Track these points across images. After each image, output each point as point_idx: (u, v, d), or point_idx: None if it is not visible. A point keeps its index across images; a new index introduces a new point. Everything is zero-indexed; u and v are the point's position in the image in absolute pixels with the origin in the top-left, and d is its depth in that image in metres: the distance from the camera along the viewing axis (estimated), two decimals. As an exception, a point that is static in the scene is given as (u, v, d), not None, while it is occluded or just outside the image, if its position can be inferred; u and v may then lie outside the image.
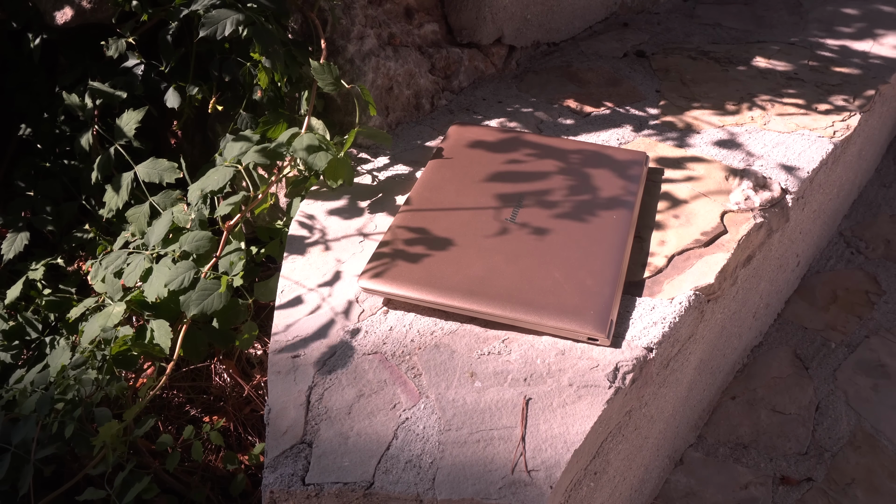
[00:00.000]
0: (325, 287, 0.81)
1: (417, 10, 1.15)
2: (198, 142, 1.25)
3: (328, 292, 0.80)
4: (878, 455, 0.98)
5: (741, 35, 1.36)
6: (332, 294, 0.80)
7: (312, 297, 0.80)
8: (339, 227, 0.89)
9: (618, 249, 0.80)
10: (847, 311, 1.19)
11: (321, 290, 0.81)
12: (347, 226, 0.90)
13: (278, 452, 0.65)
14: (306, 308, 0.79)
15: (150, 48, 1.15)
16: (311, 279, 0.82)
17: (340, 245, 0.87)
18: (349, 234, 0.88)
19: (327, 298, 0.79)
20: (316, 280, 0.82)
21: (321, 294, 0.80)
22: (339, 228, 0.89)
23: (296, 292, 0.81)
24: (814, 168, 0.99)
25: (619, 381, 0.69)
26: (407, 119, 1.11)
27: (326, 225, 0.90)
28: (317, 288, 0.81)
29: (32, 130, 1.25)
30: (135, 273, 0.92)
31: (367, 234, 0.88)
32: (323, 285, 0.81)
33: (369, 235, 0.88)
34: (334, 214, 0.91)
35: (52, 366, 0.90)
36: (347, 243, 0.87)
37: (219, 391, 1.06)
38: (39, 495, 0.80)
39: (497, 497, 0.61)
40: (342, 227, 0.89)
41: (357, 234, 0.88)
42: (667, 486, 0.96)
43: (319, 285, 0.81)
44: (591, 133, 1.06)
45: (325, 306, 0.78)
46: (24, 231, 1.15)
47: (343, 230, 0.89)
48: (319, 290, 0.81)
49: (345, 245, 0.87)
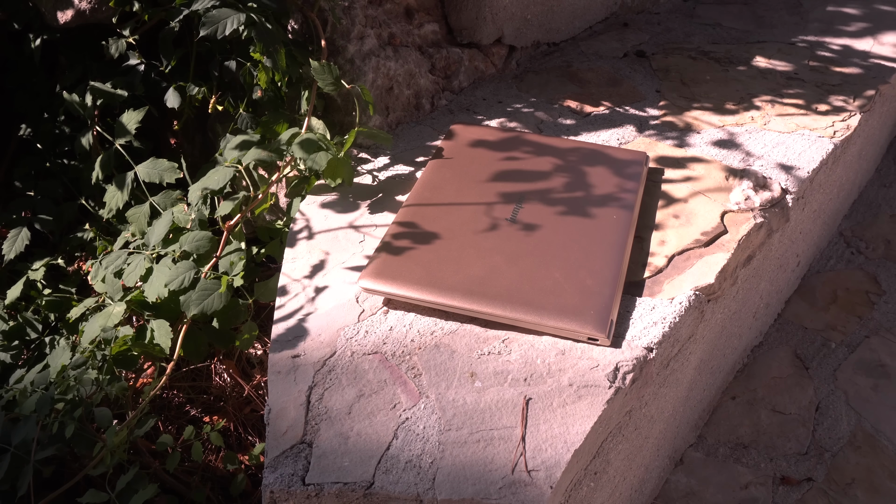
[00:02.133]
0: (326, 287, 0.81)
1: (417, 10, 1.14)
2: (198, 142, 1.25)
3: (328, 292, 0.80)
4: (878, 455, 0.98)
5: (741, 35, 1.36)
6: (332, 294, 0.80)
7: (313, 297, 0.80)
8: (339, 226, 0.89)
9: (618, 249, 0.80)
10: (847, 311, 1.19)
11: (321, 289, 0.81)
12: (347, 226, 0.90)
13: (278, 452, 0.65)
14: (306, 308, 0.79)
15: (151, 48, 1.15)
16: (311, 279, 0.82)
17: (340, 245, 0.87)
18: (349, 233, 0.88)
19: (327, 298, 0.79)
20: (316, 280, 0.82)
21: (321, 294, 0.80)
22: (339, 228, 0.89)
23: (296, 292, 0.81)
24: (814, 168, 0.99)
25: (619, 381, 0.69)
26: (407, 119, 1.11)
27: (326, 225, 0.90)
28: (317, 288, 0.81)
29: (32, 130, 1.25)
30: (135, 273, 0.92)
31: (367, 234, 0.88)
32: (323, 285, 0.81)
33: (369, 235, 0.88)
34: (334, 214, 0.91)
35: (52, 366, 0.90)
36: (347, 243, 0.87)
37: (219, 391, 1.06)
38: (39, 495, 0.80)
39: (497, 497, 0.61)
40: (342, 227, 0.89)
41: (357, 233, 0.88)
42: (667, 486, 0.96)
43: (319, 285, 0.81)
44: (591, 133, 1.06)
45: (325, 306, 0.78)
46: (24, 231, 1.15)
47: (343, 230, 0.89)
48: (320, 290, 0.81)
49: (345, 245, 0.87)
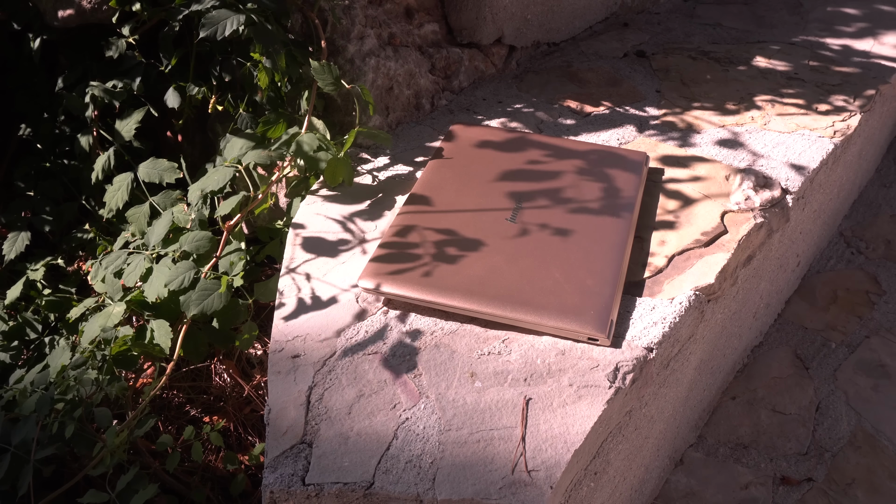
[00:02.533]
0: (326, 287, 0.81)
1: (417, 10, 1.14)
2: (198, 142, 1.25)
3: (328, 292, 0.80)
4: (878, 455, 0.98)
5: (741, 35, 1.36)
6: (332, 294, 0.80)
7: (312, 297, 0.80)
8: (338, 226, 0.89)
9: (618, 249, 0.80)
10: (847, 311, 1.18)
11: (321, 290, 0.81)
12: (347, 226, 0.90)
13: (278, 452, 0.65)
14: (306, 308, 0.78)
15: (150, 48, 1.15)
16: (311, 279, 0.82)
17: (340, 245, 0.87)
18: (349, 234, 0.88)
19: (327, 298, 0.79)
20: (316, 280, 0.82)
21: (321, 294, 0.80)
22: (339, 228, 0.89)
23: (296, 292, 0.81)
24: (814, 168, 0.99)
25: (619, 381, 0.69)
26: (407, 119, 1.10)
27: (326, 225, 0.90)
28: (317, 288, 0.81)
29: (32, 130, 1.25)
30: (135, 273, 0.92)
31: (367, 234, 0.88)
32: (323, 285, 0.81)
33: (369, 235, 0.88)
34: (334, 214, 0.91)
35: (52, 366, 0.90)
36: (347, 243, 0.87)
37: (219, 391, 1.06)
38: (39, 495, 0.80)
39: (497, 497, 0.61)
40: (342, 227, 0.89)
41: (357, 233, 0.88)
42: (667, 487, 0.96)
43: (319, 285, 0.81)
44: (592, 133, 1.06)
45: (325, 306, 0.78)
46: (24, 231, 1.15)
47: (343, 230, 0.89)
48: (319, 290, 0.81)
49: (345, 245, 0.87)
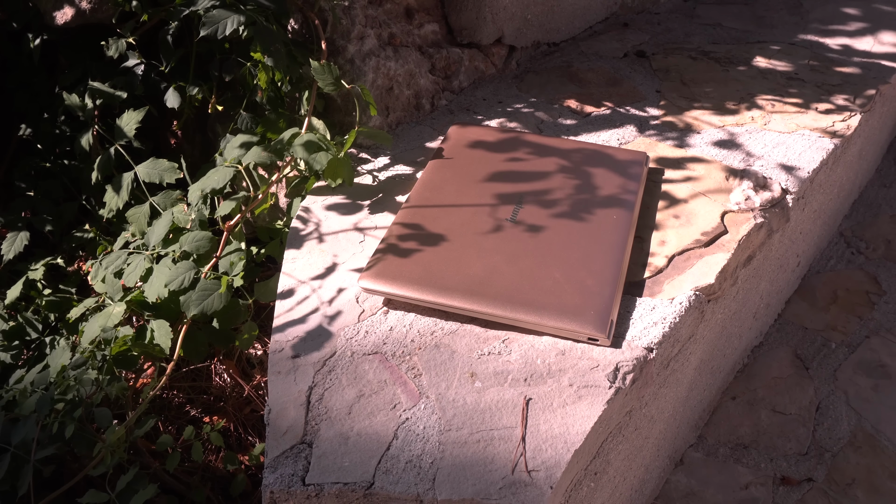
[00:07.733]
0: (326, 287, 0.81)
1: (417, 10, 1.14)
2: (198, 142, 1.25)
3: (328, 292, 0.80)
4: (878, 455, 0.98)
5: (741, 35, 1.36)
6: (332, 294, 0.80)
7: (313, 297, 0.80)
8: (339, 227, 0.89)
9: (618, 249, 0.80)
10: (847, 312, 1.18)
11: (321, 290, 0.81)
12: (347, 226, 0.90)
13: (278, 452, 0.65)
14: (306, 308, 0.78)
15: (150, 48, 1.14)
16: (311, 279, 0.82)
17: (340, 245, 0.87)
18: (349, 234, 0.88)
19: (327, 298, 0.79)
20: (316, 280, 0.82)
21: (321, 294, 0.80)
22: (340, 228, 0.89)
23: (296, 292, 0.81)
24: (814, 168, 0.99)
25: (619, 382, 0.69)
26: (407, 119, 1.10)
27: (326, 225, 0.90)
28: (317, 288, 0.81)
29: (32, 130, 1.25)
30: (135, 273, 0.92)
31: (367, 234, 0.88)
32: (323, 285, 0.81)
33: (369, 235, 0.88)
34: (334, 214, 0.91)
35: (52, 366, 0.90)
36: (347, 243, 0.87)
37: (219, 391, 1.06)
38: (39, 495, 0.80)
39: (497, 497, 0.61)
40: (342, 227, 0.89)
41: (357, 234, 0.88)
42: (667, 487, 0.95)
43: (319, 285, 0.81)
44: (592, 133, 1.06)
45: (325, 306, 0.78)
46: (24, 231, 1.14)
47: (343, 230, 0.89)
48: (319, 290, 0.81)
49: (345, 245, 0.87)
